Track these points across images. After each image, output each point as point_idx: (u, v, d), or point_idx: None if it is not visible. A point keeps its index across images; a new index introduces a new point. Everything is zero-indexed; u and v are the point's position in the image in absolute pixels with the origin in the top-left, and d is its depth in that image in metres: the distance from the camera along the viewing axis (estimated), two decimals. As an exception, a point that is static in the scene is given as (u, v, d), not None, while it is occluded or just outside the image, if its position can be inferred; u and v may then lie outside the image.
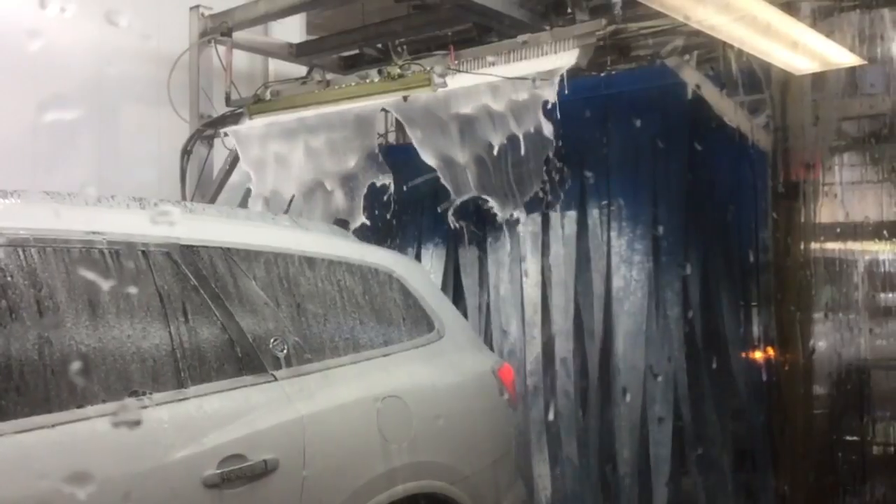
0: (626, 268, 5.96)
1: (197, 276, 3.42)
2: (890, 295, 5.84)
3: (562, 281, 6.21)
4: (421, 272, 4.75)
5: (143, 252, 3.29)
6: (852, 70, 5.32)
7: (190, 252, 3.46)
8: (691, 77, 5.48)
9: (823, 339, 5.29)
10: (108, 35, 6.93)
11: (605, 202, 6.09)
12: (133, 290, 3.18)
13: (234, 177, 7.07)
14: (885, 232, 5.52)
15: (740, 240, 5.86)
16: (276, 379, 3.51)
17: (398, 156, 6.81)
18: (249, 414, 3.37)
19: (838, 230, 5.46)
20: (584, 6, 6.00)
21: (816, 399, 5.26)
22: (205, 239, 3.56)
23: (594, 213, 6.14)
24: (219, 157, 7.26)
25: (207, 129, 7.13)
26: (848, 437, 5.49)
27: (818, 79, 5.22)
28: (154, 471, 3.03)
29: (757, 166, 5.50)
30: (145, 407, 3.06)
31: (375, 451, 3.76)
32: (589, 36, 5.62)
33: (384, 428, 3.80)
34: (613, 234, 6.05)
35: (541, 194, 6.20)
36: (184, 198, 7.04)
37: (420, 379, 4.16)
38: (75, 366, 2.94)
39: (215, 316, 3.41)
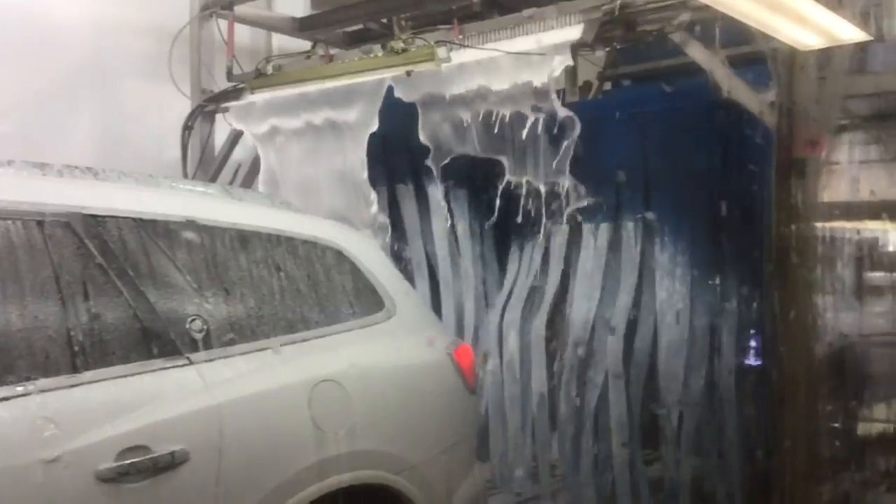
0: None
1: (102, 249, 3.19)
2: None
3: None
4: (372, 247, 4.46)
5: (38, 223, 3.07)
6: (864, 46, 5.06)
7: (95, 223, 3.23)
8: (698, 54, 5.27)
9: (828, 319, 5.19)
10: (108, 8, 6.84)
11: (639, 215, 6.24)
12: (22, 264, 2.97)
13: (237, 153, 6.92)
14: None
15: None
16: (191, 362, 3.28)
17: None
18: (156, 401, 3.13)
19: (855, 209, 5.30)
20: (591, -20, 5.75)
21: (819, 377, 5.10)
22: (114, 208, 3.31)
23: (629, 226, 6.29)
24: (221, 133, 7.09)
25: (209, 105, 6.98)
26: (849, 417, 5.40)
27: (825, 55, 4.98)
28: (35, 465, 2.80)
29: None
30: (27, 394, 2.84)
31: (306, 440, 3.52)
32: (594, 10, 5.42)
33: (318, 415, 3.57)
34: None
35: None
36: (185, 174, 6.91)
37: (363, 361, 3.88)
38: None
39: (122, 294, 3.18)
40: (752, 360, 5.88)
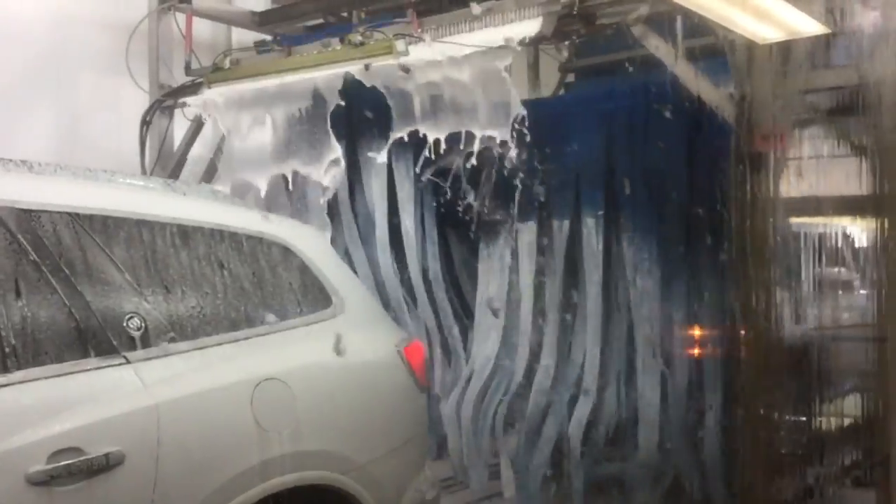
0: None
1: (35, 245, 3.09)
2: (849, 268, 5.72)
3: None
4: (320, 242, 4.38)
5: None
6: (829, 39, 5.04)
7: (28, 217, 3.13)
8: (658, 47, 5.25)
9: (787, 312, 5.20)
10: (66, 2, 6.76)
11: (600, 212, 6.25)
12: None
13: (196, 149, 6.82)
14: (853, 205, 5.32)
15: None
16: (128, 361, 3.19)
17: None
18: (91, 401, 3.04)
19: (815, 204, 5.32)
20: (550, -28, 5.71)
21: (777, 373, 5.12)
22: (49, 203, 3.21)
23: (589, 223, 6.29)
24: (179, 128, 7.00)
25: (167, 99, 6.90)
26: (806, 412, 5.38)
27: (785, 48, 4.96)
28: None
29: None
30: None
31: (248, 441, 3.43)
32: (553, 3, 5.37)
33: (260, 415, 3.48)
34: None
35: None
36: (143, 170, 6.82)
37: (308, 359, 3.81)
38: None
39: (56, 291, 3.08)
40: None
